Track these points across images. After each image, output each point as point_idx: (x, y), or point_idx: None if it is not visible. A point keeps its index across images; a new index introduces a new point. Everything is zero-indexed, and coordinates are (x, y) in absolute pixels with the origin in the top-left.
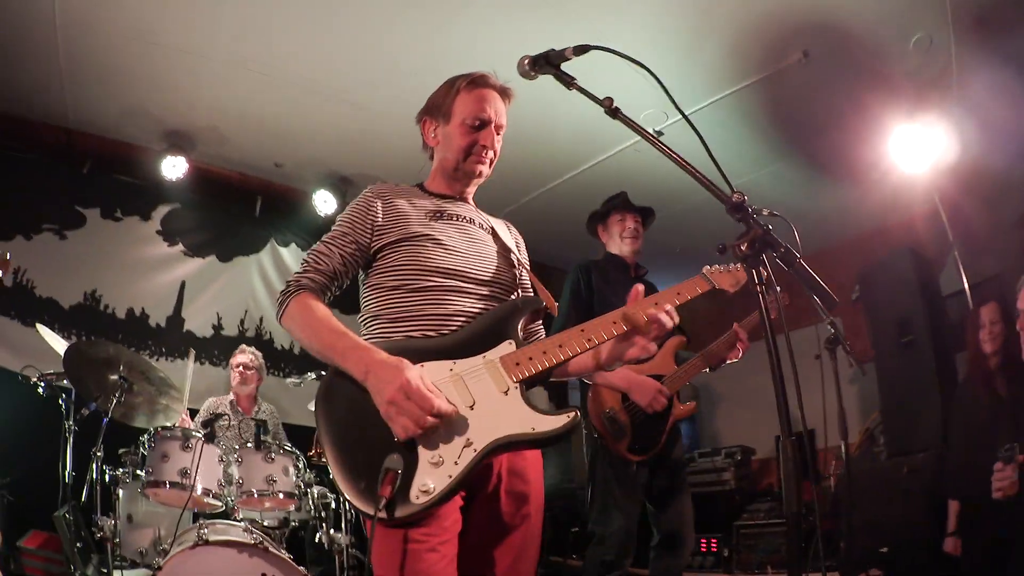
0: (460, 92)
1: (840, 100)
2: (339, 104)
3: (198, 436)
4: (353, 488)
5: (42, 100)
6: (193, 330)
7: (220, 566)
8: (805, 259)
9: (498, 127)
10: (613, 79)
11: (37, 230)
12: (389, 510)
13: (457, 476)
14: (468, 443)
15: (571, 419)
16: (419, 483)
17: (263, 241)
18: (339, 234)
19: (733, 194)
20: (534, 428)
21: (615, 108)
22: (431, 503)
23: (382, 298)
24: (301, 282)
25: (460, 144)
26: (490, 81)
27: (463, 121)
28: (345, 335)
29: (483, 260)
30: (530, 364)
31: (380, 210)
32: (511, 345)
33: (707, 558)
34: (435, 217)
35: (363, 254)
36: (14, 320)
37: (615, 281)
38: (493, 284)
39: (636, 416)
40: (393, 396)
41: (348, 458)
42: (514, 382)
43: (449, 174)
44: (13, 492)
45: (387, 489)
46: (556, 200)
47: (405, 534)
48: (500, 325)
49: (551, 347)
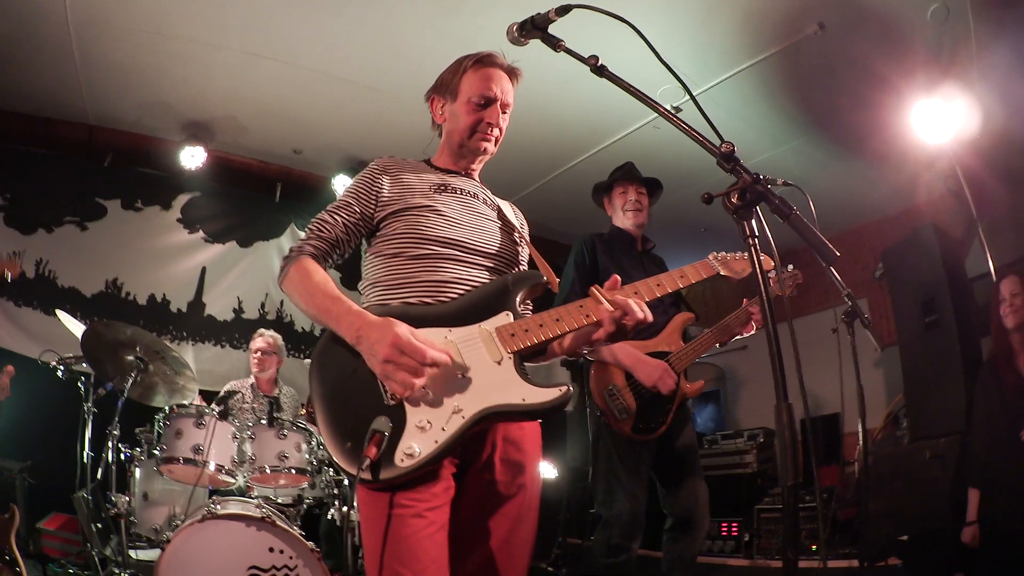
0: (467, 71)
1: (858, 74)
2: (354, 89)
3: (211, 413)
4: (339, 448)
5: (63, 100)
6: (214, 315)
7: (228, 539)
8: (828, 240)
9: (504, 105)
10: (631, 55)
11: (59, 223)
12: (374, 472)
13: (444, 442)
14: (458, 410)
15: (562, 393)
16: (404, 446)
17: (283, 226)
18: (343, 203)
19: (723, 144)
20: (524, 399)
21: (600, 66)
22: (415, 467)
23: (381, 265)
24: (304, 248)
25: (466, 122)
26: (497, 60)
27: (469, 99)
28: (339, 299)
29: (484, 232)
30: (526, 336)
31: (385, 182)
32: (508, 316)
33: (727, 542)
34: (439, 190)
35: (366, 224)
36: (36, 310)
37: (620, 255)
38: (494, 257)
39: (641, 395)
40: (388, 354)
41: (337, 419)
42: (508, 353)
43: (455, 151)
44: (33, 475)
45: (372, 450)
46: (575, 180)
47: (391, 498)
48: (498, 296)
49: (548, 320)
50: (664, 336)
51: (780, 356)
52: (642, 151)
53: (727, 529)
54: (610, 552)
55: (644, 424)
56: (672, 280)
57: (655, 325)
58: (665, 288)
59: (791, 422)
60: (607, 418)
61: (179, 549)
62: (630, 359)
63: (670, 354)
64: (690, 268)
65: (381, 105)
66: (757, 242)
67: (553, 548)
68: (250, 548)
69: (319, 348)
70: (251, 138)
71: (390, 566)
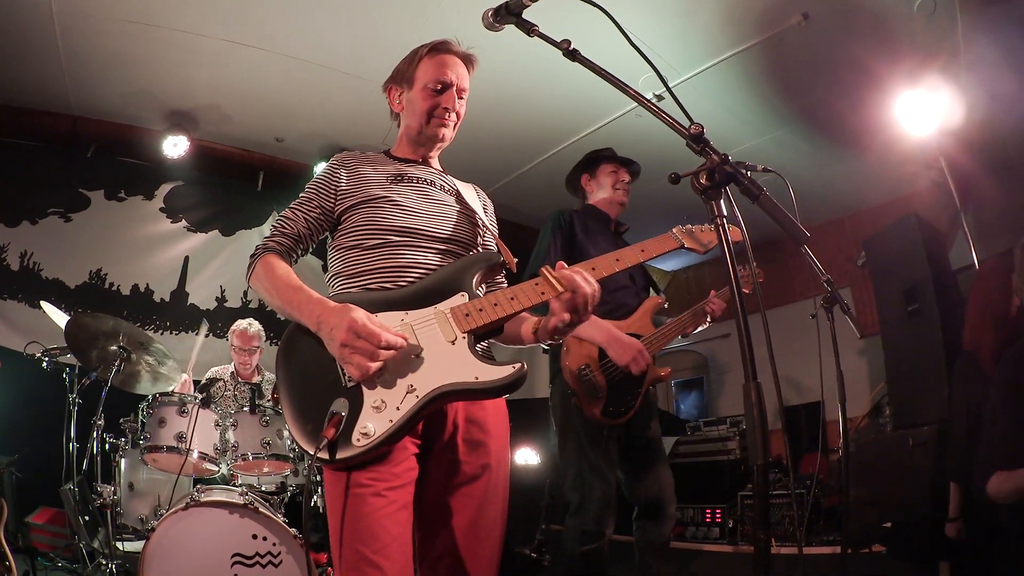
0: (422, 59)
1: (843, 64)
2: (336, 77)
3: (194, 400)
4: (301, 430)
5: (46, 90)
6: (197, 303)
7: (212, 526)
8: (811, 231)
9: (460, 90)
10: (613, 42)
11: (43, 214)
12: (332, 452)
13: (398, 421)
14: (411, 389)
15: (516, 370)
16: (360, 427)
17: (266, 214)
18: (305, 200)
19: (692, 125)
20: (477, 377)
21: (573, 50)
22: (371, 446)
23: (342, 257)
24: (268, 245)
25: (422, 107)
26: (452, 47)
27: (425, 85)
28: (301, 290)
29: (441, 219)
30: (480, 316)
31: (343, 176)
32: (463, 297)
33: (711, 529)
34: (395, 180)
35: (327, 218)
36: (21, 303)
37: (594, 232)
38: (451, 241)
39: (612, 376)
40: (344, 338)
41: (299, 403)
42: (462, 333)
43: (413, 138)
44: (21, 468)
45: (331, 431)
46: (556, 168)
47: (349, 477)
48: (454, 278)
49: (502, 299)
50: (635, 319)
51: (748, 335)
52: (624, 139)
53: (711, 515)
54: (584, 539)
55: (614, 407)
56: (633, 254)
57: (627, 307)
58: (625, 262)
59: (760, 401)
60: (578, 399)
61: (163, 537)
62: (605, 336)
63: (642, 337)
64: (652, 241)
65: (363, 93)
66: (725, 222)
67: (536, 534)
68: (234, 535)
69: (284, 337)
70: (234, 127)
71: (350, 544)
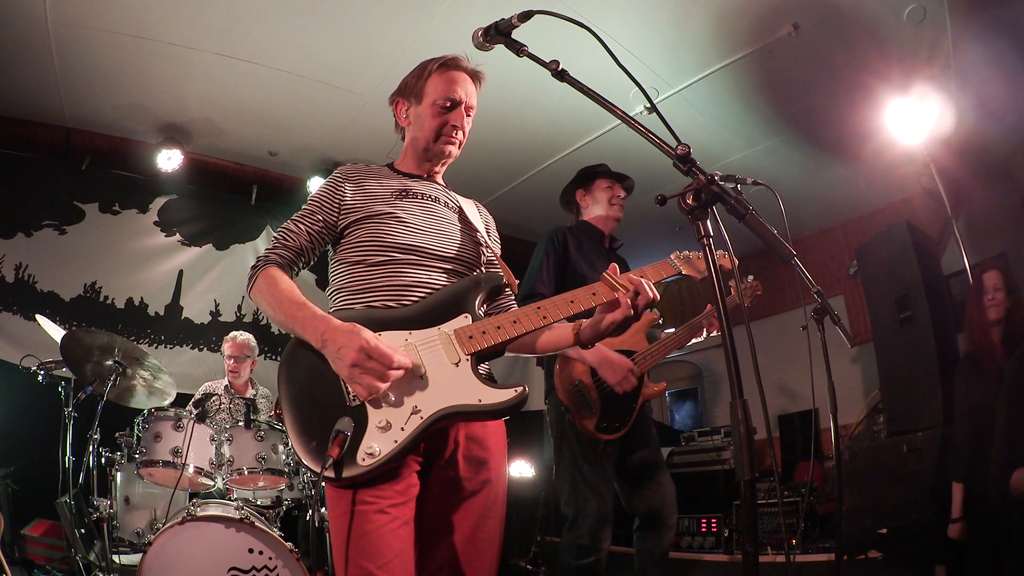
0: (432, 74)
1: (833, 75)
2: (330, 91)
3: (189, 416)
4: (305, 448)
5: (41, 102)
6: (191, 317)
7: (208, 541)
8: (804, 239)
9: (468, 108)
10: (602, 59)
11: (38, 227)
12: (337, 470)
13: (403, 441)
14: (416, 410)
15: (518, 394)
16: (366, 446)
17: (259, 228)
18: (308, 212)
19: (679, 146)
20: (480, 400)
21: (562, 71)
22: (376, 465)
23: (345, 272)
24: (269, 257)
25: (431, 125)
26: (461, 64)
27: (434, 102)
28: (305, 306)
29: (444, 237)
30: (483, 338)
31: (347, 190)
32: (467, 319)
33: (707, 538)
34: (400, 196)
35: (330, 231)
36: (16, 315)
37: (588, 250)
38: (455, 260)
39: (605, 392)
40: (356, 359)
41: (303, 419)
42: (466, 354)
43: (420, 154)
44: (17, 480)
45: (336, 450)
46: (549, 182)
47: (354, 495)
48: (458, 299)
49: (505, 322)
50: (628, 335)
51: (734, 353)
52: (616, 152)
53: (706, 525)
54: (579, 553)
55: (608, 423)
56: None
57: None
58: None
59: (747, 417)
60: (572, 415)
61: (160, 552)
62: (596, 356)
63: (635, 353)
64: (650, 268)
65: (356, 107)
66: (712, 242)
67: (531, 546)
68: (230, 549)
69: (286, 352)
70: (227, 140)
71: (355, 561)
